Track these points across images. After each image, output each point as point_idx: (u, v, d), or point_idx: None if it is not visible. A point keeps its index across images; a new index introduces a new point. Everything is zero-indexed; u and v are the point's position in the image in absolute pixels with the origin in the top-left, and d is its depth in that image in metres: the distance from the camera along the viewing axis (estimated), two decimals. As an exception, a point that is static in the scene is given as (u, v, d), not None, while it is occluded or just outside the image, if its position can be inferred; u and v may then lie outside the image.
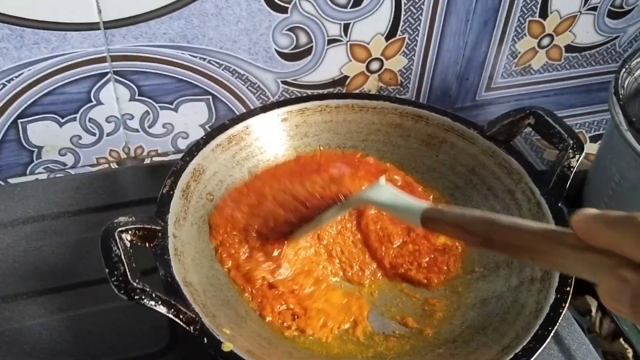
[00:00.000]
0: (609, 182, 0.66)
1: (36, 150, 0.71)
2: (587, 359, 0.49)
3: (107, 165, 0.74)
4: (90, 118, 0.71)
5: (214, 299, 0.44)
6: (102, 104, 0.71)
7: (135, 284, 0.39)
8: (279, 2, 0.66)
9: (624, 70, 0.65)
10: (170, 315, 0.40)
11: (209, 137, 0.53)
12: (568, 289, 0.44)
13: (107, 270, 0.40)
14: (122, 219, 0.43)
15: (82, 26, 0.62)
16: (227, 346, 0.40)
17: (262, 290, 0.48)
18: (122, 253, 0.40)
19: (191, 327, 0.40)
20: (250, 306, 0.47)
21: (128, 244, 0.42)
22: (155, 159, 0.75)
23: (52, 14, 0.60)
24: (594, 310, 0.63)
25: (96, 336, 0.49)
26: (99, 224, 0.41)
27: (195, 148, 0.52)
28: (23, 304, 0.51)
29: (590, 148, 0.83)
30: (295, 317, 0.47)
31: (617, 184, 0.64)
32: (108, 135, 0.73)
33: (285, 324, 0.47)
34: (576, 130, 0.93)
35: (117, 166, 0.73)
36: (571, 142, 0.50)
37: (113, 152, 0.74)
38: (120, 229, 0.42)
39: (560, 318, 0.43)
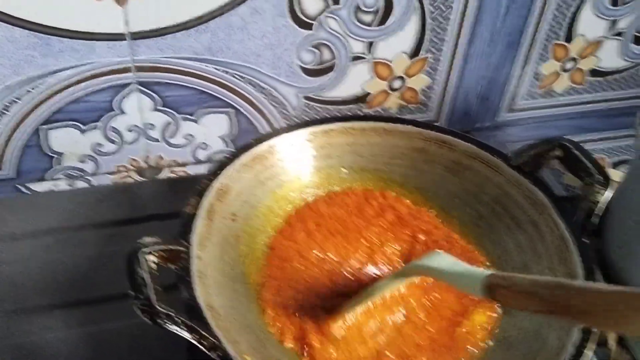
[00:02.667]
0: (630, 217, 0.65)
1: (56, 156, 0.71)
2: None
3: (126, 174, 0.74)
4: (112, 127, 0.71)
5: (236, 323, 0.44)
6: (124, 113, 0.71)
7: (159, 308, 0.39)
8: (305, 19, 0.66)
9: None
10: (194, 341, 0.40)
11: (234, 156, 0.53)
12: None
13: (132, 293, 0.39)
14: (147, 239, 0.43)
15: (108, 36, 0.62)
16: (247, 367, 0.40)
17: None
18: (146, 275, 0.40)
19: (213, 353, 0.40)
20: (269, 329, 0.47)
21: (154, 266, 0.42)
22: (175, 169, 0.75)
23: (80, 23, 0.60)
24: (611, 341, 0.62)
25: (114, 353, 0.49)
26: (121, 236, 0.41)
27: (219, 167, 0.52)
28: (41, 317, 0.51)
29: (612, 174, 0.83)
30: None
31: (633, 225, 0.63)
32: (129, 144, 0.73)
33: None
34: (598, 155, 0.94)
35: (136, 175, 0.73)
36: (598, 177, 0.49)
37: (133, 161, 0.74)
38: (145, 249, 0.42)
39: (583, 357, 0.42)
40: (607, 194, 0.49)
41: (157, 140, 0.74)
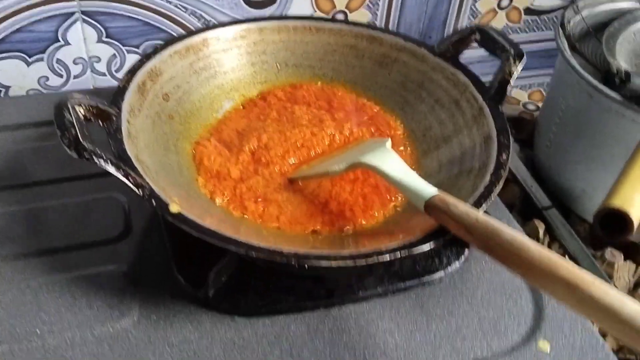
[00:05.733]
0: (556, 114, 0.69)
1: (3, 90, 0.72)
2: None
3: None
4: (57, 59, 0.72)
5: (166, 179, 0.46)
6: (69, 44, 0.72)
7: (84, 144, 0.40)
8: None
9: (570, 6, 0.69)
10: (120, 176, 0.41)
11: (167, 43, 0.55)
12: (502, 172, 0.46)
13: (59, 133, 0.41)
14: (76, 94, 0.44)
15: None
16: (175, 207, 0.42)
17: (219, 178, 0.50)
18: (73, 118, 0.42)
19: (140, 190, 0.42)
20: (202, 191, 0.49)
21: (81, 116, 0.43)
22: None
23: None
24: (541, 233, 0.65)
25: (53, 226, 0.51)
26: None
27: (153, 52, 0.54)
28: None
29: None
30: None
31: (563, 112, 0.67)
32: (75, 77, 0.74)
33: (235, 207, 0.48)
34: (534, 89, 0.97)
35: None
36: (512, 51, 0.52)
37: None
38: (74, 99, 0.43)
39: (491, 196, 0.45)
40: (521, 66, 0.52)
41: (103, 75, 0.75)
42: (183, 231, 0.48)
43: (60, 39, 0.71)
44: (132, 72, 0.51)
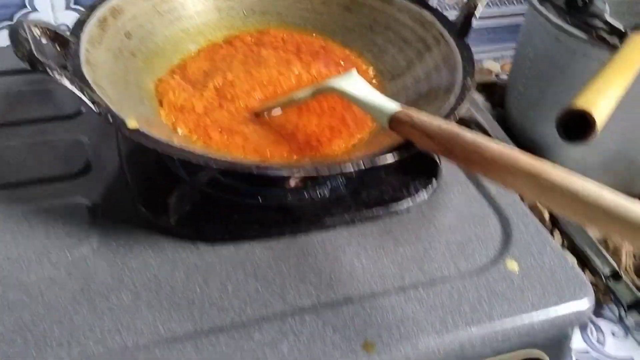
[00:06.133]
0: (525, 65, 0.69)
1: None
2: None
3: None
4: (25, 26, 0.71)
5: (127, 107, 0.45)
6: (37, 10, 0.71)
7: (38, 57, 0.39)
8: None
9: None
10: (75, 90, 0.40)
11: (129, -16, 0.54)
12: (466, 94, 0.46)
13: (13, 48, 0.40)
14: (33, 18, 0.43)
15: None
16: (132, 124, 0.41)
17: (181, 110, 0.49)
18: (29, 36, 0.41)
19: (95, 106, 0.41)
20: (164, 121, 0.48)
21: (37, 36, 0.42)
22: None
23: None
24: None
25: (13, 163, 0.50)
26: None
27: (115, -9, 0.53)
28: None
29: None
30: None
31: (532, 62, 0.67)
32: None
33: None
34: (507, 60, 0.98)
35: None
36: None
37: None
38: (31, 22, 0.42)
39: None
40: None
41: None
42: (144, 162, 0.47)
43: (27, 5, 0.70)
44: (92, 7, 0.51)
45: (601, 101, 0.39)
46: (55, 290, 0.40)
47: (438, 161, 0.51)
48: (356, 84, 0.46)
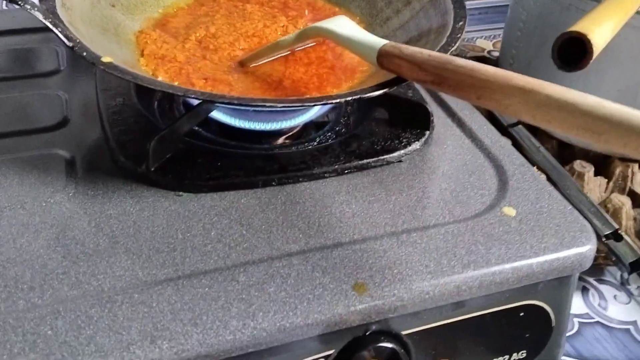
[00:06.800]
0: (517, 27, 0.67)
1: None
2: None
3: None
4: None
5: (104, 50, 0.43)
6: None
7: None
8: None
9: None
10: (49, 24, 0.38)
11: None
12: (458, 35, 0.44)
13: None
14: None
15: None
16: (107, 58, 0.39)
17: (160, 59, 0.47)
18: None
19: (70, 42, 0.39)
20: (144, 69, 0.46)
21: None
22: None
23: None
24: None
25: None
26: None
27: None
28: None
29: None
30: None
31: (524, 23, 0.66)
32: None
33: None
34: (498, 39, 0.97)
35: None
36: None
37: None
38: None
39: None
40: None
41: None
42: (124, 117, 0.45)
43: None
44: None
45: (598, 28, 0.37)
46: (28, 236, 0.38)
47: (430, 114, 0.50)
48: (343, 25, 0.44)
